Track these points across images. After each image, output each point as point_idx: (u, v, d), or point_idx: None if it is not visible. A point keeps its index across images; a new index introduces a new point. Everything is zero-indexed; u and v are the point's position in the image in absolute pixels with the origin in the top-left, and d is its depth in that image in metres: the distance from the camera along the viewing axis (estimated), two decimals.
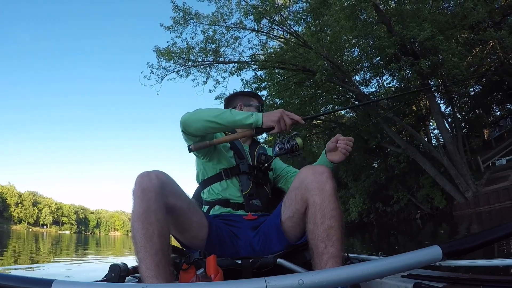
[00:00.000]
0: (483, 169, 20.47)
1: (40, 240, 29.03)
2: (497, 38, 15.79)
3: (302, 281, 0.85)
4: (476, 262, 1.28)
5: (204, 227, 1.66)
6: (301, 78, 17.67)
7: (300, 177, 1.57)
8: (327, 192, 1.45)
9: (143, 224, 1.30)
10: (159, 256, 1.28)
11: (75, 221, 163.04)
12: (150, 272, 1.24)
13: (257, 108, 2.31)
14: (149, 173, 1.41)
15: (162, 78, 18.05)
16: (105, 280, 1.57)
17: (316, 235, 1.41)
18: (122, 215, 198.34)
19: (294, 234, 1.64)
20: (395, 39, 14.01)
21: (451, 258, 1.15)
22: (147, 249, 1.27)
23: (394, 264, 1.00)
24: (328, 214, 1.42)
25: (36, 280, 0.86)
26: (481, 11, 13.90)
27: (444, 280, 1.28)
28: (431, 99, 18.37)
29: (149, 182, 1.37)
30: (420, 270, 1.47)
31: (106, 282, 1.48)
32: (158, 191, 1.37)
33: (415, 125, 24.64)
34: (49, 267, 6.78)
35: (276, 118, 1.69)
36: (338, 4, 14.64)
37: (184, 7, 16.88)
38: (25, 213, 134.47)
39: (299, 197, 1.54)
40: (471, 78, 19.23)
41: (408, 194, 22.81)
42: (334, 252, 1.37)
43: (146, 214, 1.32)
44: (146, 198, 1.34)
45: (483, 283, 1.15)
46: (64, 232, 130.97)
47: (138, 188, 1.36)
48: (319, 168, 1.53)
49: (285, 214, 1.64)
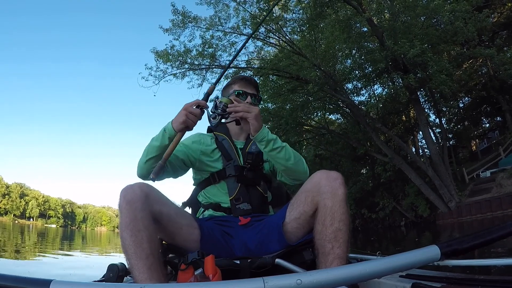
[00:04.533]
0: (467, 180, 20.72)
1: (25, 232, 28.83)
2: (485, 55, 16.32)
3: (300, 281, 0.86)
4: (474, 262, 1.29)
5: (195, 229, 1.66)
6: (294, 86, 18.00)
7: (313, 180, 1.58)
8: (339, 197, 1.48)
9: (131, 232, 1.34)
10: (150, 260, 1.31)
11: (61, 215, 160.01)
12: (143, 275, 1.27)
13: (240, 95, 2.09)
14: (132, 186, 1.45)
15: (160, 80, 18.27)
16: (103, 280, 1.61)
17: (324, 235, 1.44)
18: (109, 210, 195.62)
19: (295, 235, 1.66)
20: (386, 54, 14.45)
21: (449, 258, 1.16)
22: (138, 254, 1.30)
23: (392, 264, 1.02)
24: (338, 217, 1.45)
25: (34, 280, 0.87)
26: (471, 29, 14.37)
27: (442, 280, 1.29)
28: (419, 111, 18.87)
29: (133, 193, 1.40)
30: (418, 270, 1.49)
31: (104, 282, 1.53)
32: (143, 200, 1.40)
33: (404, 135, 25.14)
34: (36, 263, 6.87)
35: (181, 119, 1.64)
36: (334, 16, 15.01)
37: (184, 11, 17.19)
38: (11, 204, 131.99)
39: (309, 200, 1.57)
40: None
41: (394, 201, 23.21)
42: (340, 254, 1.40)
43: (134, 223, 1.35)
44: (131, 208, 1.37)
45: (481, 283, 1.16)
46: (50, 226, 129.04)
47: (123, 200, 1.39)
48: (333, 174, 1.55)
49: (291, 215, 1.66)
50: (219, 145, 2.04)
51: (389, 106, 24.19)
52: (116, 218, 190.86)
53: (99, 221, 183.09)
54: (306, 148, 27.68)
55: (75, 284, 0.86)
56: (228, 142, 2.06)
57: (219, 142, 2.05)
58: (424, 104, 23.15)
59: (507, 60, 15.55)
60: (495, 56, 15.40)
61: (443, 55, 17.97)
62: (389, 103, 23.77)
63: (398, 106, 23.72)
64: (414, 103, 18.51)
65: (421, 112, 19.01)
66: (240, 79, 2.19)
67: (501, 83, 21.34)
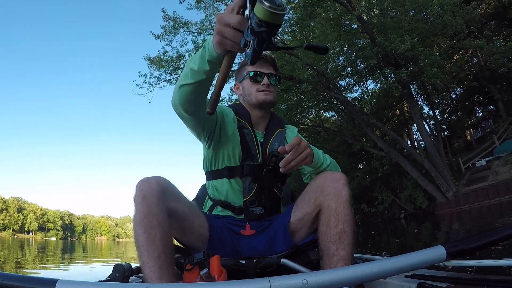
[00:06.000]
0: (463, 170, 20.90)
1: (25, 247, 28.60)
2: (475, 47, 16.53)
3: (306, 281, 0.85)
4: (480, 262, 1.29)
5: (205, 229, 1.62)
6: (288, 86, 18.12)
7: (317, 181, 1.58)
8: (343, 198, 1.46)
9: (145, 228, 1.30)
10: (162, 258, 1.28)
11: (61, 227, 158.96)
12: (153, 274, 1.25)
13: (255, 77, 1.87)
14: (148, 179, 1.39)
15: (154, 86, 18.32)
16: (109, 280, 1.59)
17: (328, 237, 1.42)
18: (108, 220, 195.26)
19: (300, 235, 1.65)
20: (377, 50, 14.65)
21: (455, 258, 1.14)
22: (150, 252, 1.27)
23: (398, 264, 1.00)
24: (342, 218, 1.43)
25: (40, 280, 0.87)
26: (460, 22, 14.55)
27: (448, 280, 1.29)
28: (412, 104, 19.08)
29: (149, 188, 1.36)
30: (424, 270, 1.48)
31: (110, 282, 1.50)
32: (159, 196, 1.36)
33: (399, 129, 25.33)
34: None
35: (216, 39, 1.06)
36: (324, 15, 15.14)
37: (174, 16, 17.30)
38: (9, 219, 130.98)
39: (312, 201, 1.55)
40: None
41: (392, 195, 23.43)
42: (344, 255, 1.38)
43: (148, 219, 1.31)
44: (147, 203, 1.33)
45: (487, 283, 1.16)
46: (50, 239, 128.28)
47: (139, 194, 1.35)
48: (336, 175, 1.54)
49: (295, 216, 1.64)
50: (242, 136, 1.83)
51: (383, 101, 24.37)
52: (116, 227, 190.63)
53: (98, 231, 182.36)
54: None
55: (81, 284, 0.85)
56: (250, 133, 1.86)
57: (242, 134, 1.84)
58: (417, 97, 23.35)
59: (496, 50, 15.73)
60: (484, 46, 15.61)
61: (433, 48, 18.15)
62: (382, 98, 23.94)
63: (391, 100, 23.88)
64: (407, 97, 18.71)
65: (414, 105, 19.22)
66: (241, 66, 2.00)
67: (491, 73, 21.56)
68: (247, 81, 1.90)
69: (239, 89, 1.99)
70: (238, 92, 2.01)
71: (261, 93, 1.86)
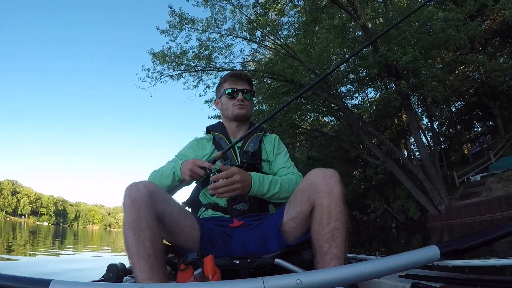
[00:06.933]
0: (458, 184, 20.93)
1: (17, 230, 28.64)
2: (477, 62, 16.58)
3: (300, 281, 0.85)
4: (474, 262, 1.28)
5: (196, 230, 1.63)
6: (288, 89, 18.10)
7: (309, 179, 1.57)
8: (335, 195, 1.46)
9: (134, 231, 1.33)
10: (152, 259, 1.30)
11: (53, 212, 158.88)
12: (144, 274, 1.27)
13: (232, 94, 2.12)
14: (137, 184, 1.44)
15: (156, 81, 18.23)
16: (103, 280, 1.61)
17: (321, 235, 1.43)
18: (101, 209, 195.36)
19: (294, 235, 1.64)
20: (379, 60, 14.67)
21: (449, 258, 1.15)
22: (140, 253, 1.30)
23: (391, 264, 1.01)
24: (334, 216, 1.43)
25: (34, 280, 0.87)
26: (463, 37, 14.60)
27: (442, 280, 1.29)
28: (411, 116, 19.18)
29: (137, 192, 1.40)
30: (418, 270, 1.49)
31: (104, 282, 1.52)
32: (147, 199, 1.39)
33: (396, 139, 25.40)
34: (30, 261, 6.78)
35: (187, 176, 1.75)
36: (329, 21, 15.18)
37: (181, 13, 17.19)
38: (3, 202, 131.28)
39: (305, 199, 1.55)
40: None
41: (385, 204, 23.45)
42: (337, 253, 1.38)
43: (137, 222, 1.34)
44: (135, 207, 1.36)
45: (480, 283, 1.16)
46: (42, 223, 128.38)
47: (128, 198, 1.39)
48: (329, 172, 1.53)
49: (288, 215, 1.64)
50: (217, 144, 2.07)
51: (382, 110, 24.38)
52: (108, 217, 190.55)
53: (91, 219, 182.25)
54: (299, 149, 27.85)
55: (74, 284, 0.86)
56: (225, 141, 2.06)
57: (216, 142, 2.08)
58: (416, 108, 23.38)
59: (498, 67, 15.77)
60: (486, 63, 15.67)
61: (435, 60, 18.21)
62: (382, 107, 23.97)
63: (390, 109, 23.94)
64: (406, 108, 18.76)
65: (412, 116, 19.31)
66: (230, 76, 2.20)
67: (492, 89, 21.57)
68: (224, 97, 2.16)
69: (218, 104, 2.25)
70: (218, 107, 2.26)
71: (236, 107, 2.11)
